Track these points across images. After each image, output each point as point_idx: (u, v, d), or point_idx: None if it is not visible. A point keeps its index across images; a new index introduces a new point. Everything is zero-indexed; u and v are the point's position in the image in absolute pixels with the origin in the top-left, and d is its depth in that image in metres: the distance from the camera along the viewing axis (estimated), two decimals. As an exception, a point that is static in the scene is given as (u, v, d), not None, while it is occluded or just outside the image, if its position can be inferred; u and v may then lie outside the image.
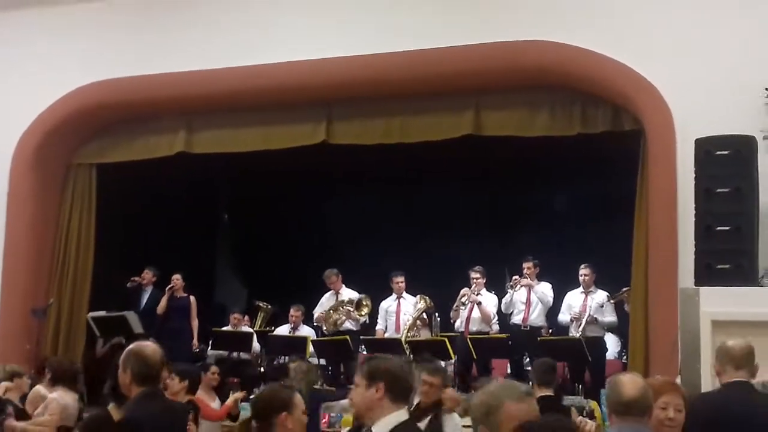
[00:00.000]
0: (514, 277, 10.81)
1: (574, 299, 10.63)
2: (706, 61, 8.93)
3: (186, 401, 6.50)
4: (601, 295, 10.44)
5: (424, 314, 11.14)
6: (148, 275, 11.92)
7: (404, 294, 11.38)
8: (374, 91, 10.45)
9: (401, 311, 11.26)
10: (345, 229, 13.96)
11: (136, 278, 11.89)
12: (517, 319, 10.81)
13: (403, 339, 10.55)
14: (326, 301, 11.65)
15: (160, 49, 11.08)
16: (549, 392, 6.63)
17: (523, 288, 10.76)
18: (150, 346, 4.37)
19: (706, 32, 9.03)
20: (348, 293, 11.57)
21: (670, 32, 9.20)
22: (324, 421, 8.61)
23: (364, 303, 11.34)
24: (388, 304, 11.43)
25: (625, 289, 10.16)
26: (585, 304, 10.46)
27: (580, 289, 10.62)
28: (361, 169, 12.60)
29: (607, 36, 9.41)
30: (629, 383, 3.79)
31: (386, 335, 11.15)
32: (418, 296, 11.22)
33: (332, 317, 11.36)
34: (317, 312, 11.66)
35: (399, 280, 11.36)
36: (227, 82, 10.69)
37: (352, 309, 11.30)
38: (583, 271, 10.58)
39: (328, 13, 10.57)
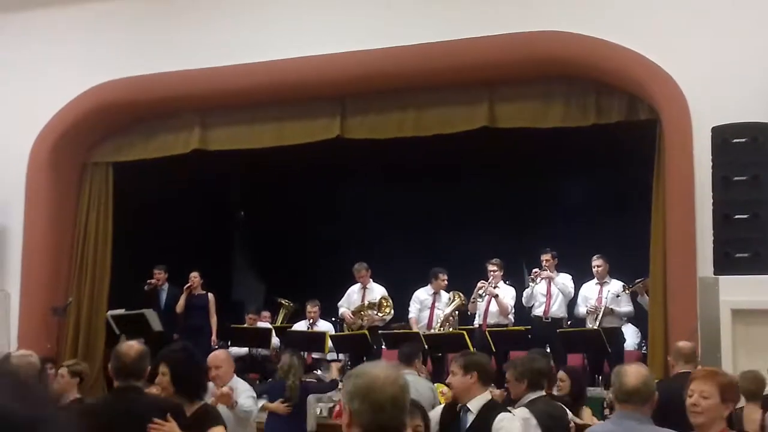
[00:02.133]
0: (534, 270, 10.78)
1: (589, 291, 10.62)
2: (722, 49, 8.87)
3: None
4: (616, 285, 10.41)
5: (456, 311, 11.12)
6: (160, 275, 11.97)
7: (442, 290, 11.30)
8: (388, 84, 10.45)
9: (435, 307, 11.21)
10: (360, 223, 13.96)
11: (151, 280, 11.94)
12: (538, 311, 10.78)
13: (422, 333, 10.52)
14: (354, 294, 11.59)
15: (174, 47, 11.11)
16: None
17: (543, 280, 10.73)
18: (129, 345, 4.61)
19: (721, 20, 8.98)
20: (375, 288, 11.51)
21: (685, 21, 9.15)
22: (337, 410, 8.65)
23: (385, 303, 11.31)
24: (423, 296, 11.31)
25: (639, 279, 10.13)
26: (600, 295, 10.43)
27: (595, 280, 10.60)
28: (376, 163, 12.60)
29: (621, 25, 9.37)
30: (632, 373, 4.04)
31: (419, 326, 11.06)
32: (452, 293, 11.18)
33: (357, 322, 11.30)
34: (343, 306, 11.57)
35: (444, 278, 11.22)
36: (241, 79, 10.71)
37: (374, 312, 11.28)
38: (596, 263, 10.56)
39: (341, 8, 10.58)
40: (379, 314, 11.25)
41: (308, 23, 10.64)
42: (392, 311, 11.34)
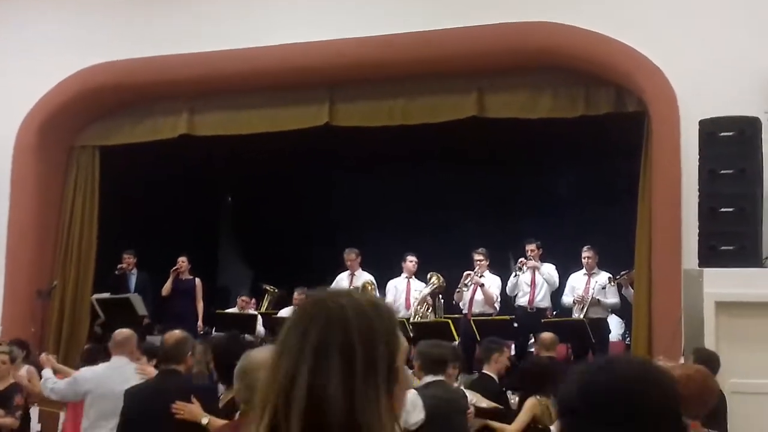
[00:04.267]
0: (520, 260, 10.81)
1: (577, 281, 10.66)
2: (710, 43, 8.89)
3: None
4: (603, 277, 10.46)
5: (433, 293, 11.12)
6: (129, 259, 11.90)
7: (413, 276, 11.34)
8: (377, 73, 10.43)
9: (411, 289, 11.24)
10: (348, 211, 13.95)
11: (121, 265, 11.88)
12: (522, 300, 10.82)
13: (411, 316, 10.54)
14: (342, 281, 11.56)
15: (163, 31, 11.05)
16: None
17: (528, 270, 10.77)
18: (171, 333, 5.39)
19: (711, 13, 8.99)
20: (363, 275, 11.53)
21: (674, 13, 9.16)
22: None
23: (369, 287, 11.32)
24: (396, 282, 11.39)
25: (624, 272, 10.18)
26: (588, 286, 10.48)
27: (583, 271, 10.64)
28: (364, 151, 12.57)
29: (610, 17, 9.38)
30: None
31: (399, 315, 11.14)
32: (430, 273, 11.21)
33: None
34: None
35: (412, 260, 11.32)
36: (230, 64, 10.66)
37: None
38: (586, 254, 10.60)
39: (331, -6, 10.55)
40: None
41: (298, 9, 10.60)
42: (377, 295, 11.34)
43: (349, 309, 1.64)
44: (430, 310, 11.13)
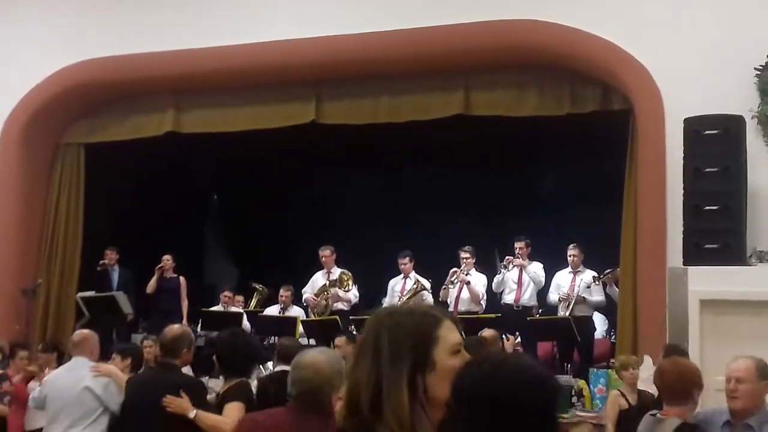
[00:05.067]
0: (507, 257, 10.81)
1: (562, 279, 10.66)
2: (696, 41, 8.92)
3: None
4: (589, 275, 10.46)
5: (420, 294, 11.09)
6: (112, 255, 11.83)
7: (411, 274, 11.30)
8: (363, 70, 10.42)
9: (405, 289, 11.23)
10: (334, 208, 13.95)
11: (103, 261, 11.83)
12: (508, 298, 10.82)
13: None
14: (318, 280, 11.56)
15: (148, 27, 11.01)
16: None
17: (515, 268, 10.77)
18: (170, 327, 5.50)
19: (696, 12, 9.01)
20: (338, 272, 11.52)
21: (660, 11, 9.18)
22: None
23: (345, 277, 11.29)
24: (395, 282, 11.34)
25: (609, 270, 10.20)
26: (573, 284, 10.48)
27: (569, 269, 10.64)
28: (351, 148, 12.56)
29: (596, 15, 9.39)
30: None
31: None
32: (414, 276, 11.19)
33: (320, 303, 11.30)
34: (307, 293, 11.59)
35: (403, 261, 11.28)
36: (216, 61, 10.64)
37: (338, 288, 11.25)
38: (572, 252, 10.60)
39: (317, -9, 10.53)
40: (342, 289, 11.21)
41: (284, 7, 10.59)
42: (354, 286, 11.30)
43: (383, 314, 2.11)
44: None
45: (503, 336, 8.67)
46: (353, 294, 11.31)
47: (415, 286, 11.10)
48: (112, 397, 5.82)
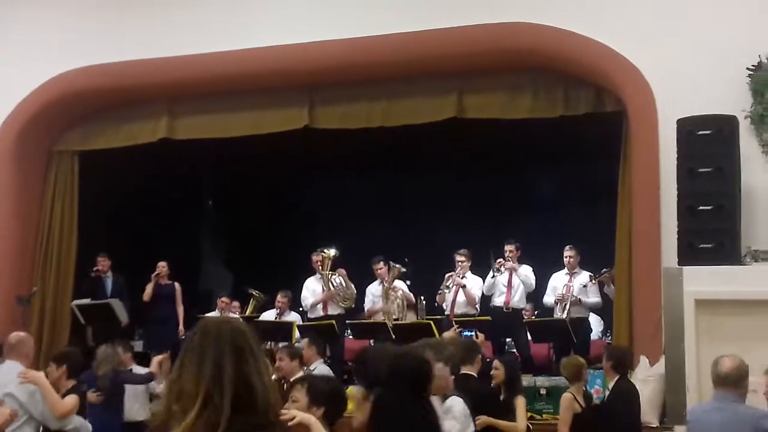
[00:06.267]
0: (498, 260, 10.81)
1: (558, 281, 10.66)
2: (688, 42, 8.94)
3: (71, 387, 6.45)
4: (584, 276, 10.47)
5: (387, 291, 11.04)
6: (104, 262, 11.76)
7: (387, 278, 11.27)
8: (357, 75, 10.43)
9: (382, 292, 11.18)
10: (330, 213, 13.94)
11: (96, 267, 11.79)
12: (498, 301, 10.80)
13: (388, 323, 10.51)
14: (311, 285, 11.50)
15: (142, 34, 11.00)
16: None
17: (506, 270, 10.77)
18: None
19: (688, 13, 9.04)
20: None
21: (652, 13, 9.20)
22: None
23: (343, 274, 11.30)
24: (374, 288, 11.36)
25: (604, 270, 10.21)
26: (569, 285, 10.49)
27: (565, 270, 10.65)
28: (346, 153, 12.56)
29: (589, 17, 9.41)
30: (728, 360, 4.98)
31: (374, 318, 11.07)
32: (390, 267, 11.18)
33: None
34: (309, 298, 11.43)
35: (378, 267, 11.26)
36: (209, 68, 10.64)
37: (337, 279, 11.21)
38: (568, 253, 10.61)
39: (310, -3, 10.54)
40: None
41: (277, 12, 10.59)
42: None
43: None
44: (408, 313, 11.05)
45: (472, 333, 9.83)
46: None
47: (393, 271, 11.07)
48: (37, 406, 5.67)
